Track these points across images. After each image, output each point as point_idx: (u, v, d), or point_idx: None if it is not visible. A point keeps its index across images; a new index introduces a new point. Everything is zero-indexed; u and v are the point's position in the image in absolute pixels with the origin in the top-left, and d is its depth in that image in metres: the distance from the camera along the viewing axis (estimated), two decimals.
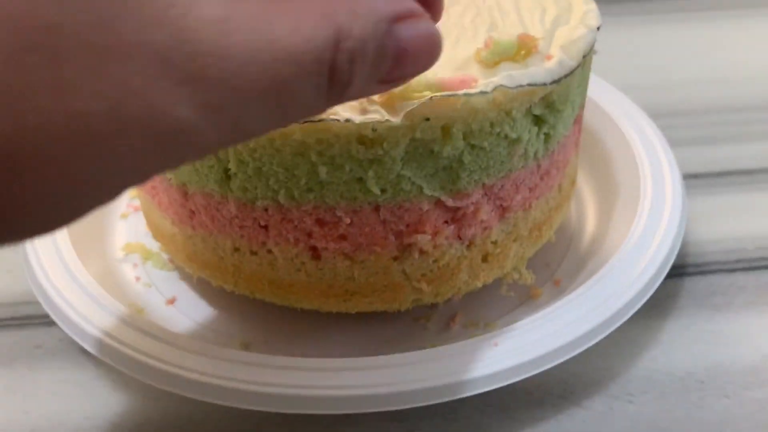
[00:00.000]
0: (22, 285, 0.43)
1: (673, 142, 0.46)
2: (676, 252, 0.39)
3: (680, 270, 0.43)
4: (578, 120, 0.40)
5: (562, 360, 0.34)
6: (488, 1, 0.39)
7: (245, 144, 0.32)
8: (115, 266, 0.43)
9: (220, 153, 0.33)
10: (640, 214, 0.41)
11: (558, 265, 0.43)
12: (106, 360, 0.35)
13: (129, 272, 0.43)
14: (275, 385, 0.33)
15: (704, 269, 0.44)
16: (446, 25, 0.36)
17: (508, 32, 0.35)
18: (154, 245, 0.44)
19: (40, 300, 0.38)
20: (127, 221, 0.47)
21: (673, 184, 0.43)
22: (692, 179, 0.50)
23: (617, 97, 0.50)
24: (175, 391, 0.34)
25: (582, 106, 0.40)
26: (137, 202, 0.47)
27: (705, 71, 0.63)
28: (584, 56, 0.35)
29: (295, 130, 0.31)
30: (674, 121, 0.56)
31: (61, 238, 0.40)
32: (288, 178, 0.32)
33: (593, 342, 0.35)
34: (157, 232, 0.42)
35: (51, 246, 0.40)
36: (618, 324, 0.36)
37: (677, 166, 0.44)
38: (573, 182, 0.43)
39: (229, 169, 0.33)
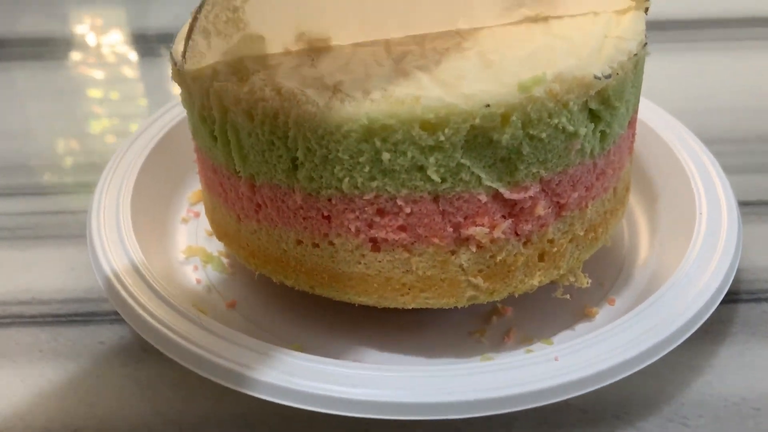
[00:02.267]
0: (86, 282, 0.45)
1: (725, 169, 0.46)
2: (731, 279, 0.39)
3: (734, 296, 0.43)
4: (632, 123, 0.40)
5: (619, 377, 0.34)
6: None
7: (314, 131, 0.33)
8: (177, 267, 0.45)
9: (289, 142, 0.34)
10: (695, 239, 0.41)
11: (612, 285, 0.43)
12: (171, 356, 0.36)
13: (190, 274, 0.44)
14: (330, 387, 0.33)
15: (758, 296, 0.44)
16: (501, 30, 0.37)
17: (563, 33, 0.37)
18: (214, 249, 0.46)
19: (108, 296, 0.39)
20: (188, 226, 0.48)
21: (729, 209, 0.43)
22: (744, 206, 0.50)
23: (670, 121, 0.50)
24: (236, 389, 0.34)
25: (636, 109, 0.41)
26: (197, 208, 0.49)
27: (754, 99, 0.64)
28: (636, 57, 0.36)
29: (362, 116, 0.32)
30: (724, 148, 0.56)
31: (128, 238, 0.42)
32: (353, 165, 0.34)
33: (649, 362, 0.35)
34: (221, 232, 0.43)
35: (119, 245, 0.41)
36: (674, 346, 0.36)
37: (732, 191, 0.44)
38: (627, 188, 0.43)
39: (297, 158, 0.34)
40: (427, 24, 0.39)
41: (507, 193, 0.34)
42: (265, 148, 0.35)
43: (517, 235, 0.36)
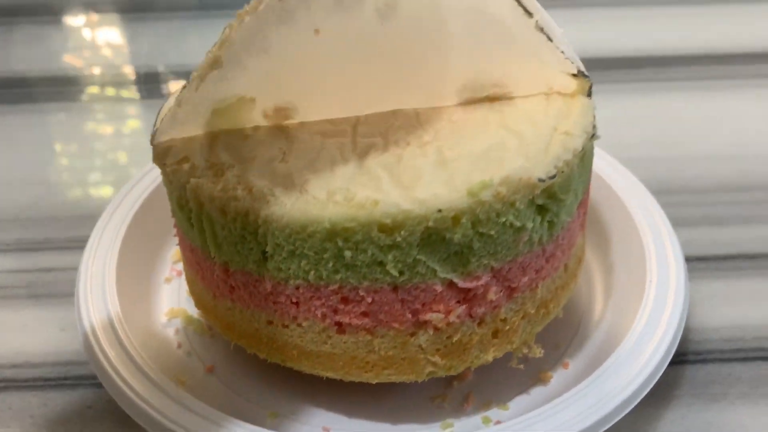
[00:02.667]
0: (76, 344, 0.48)
1: (681, 221, 0.48)
2: (675, 345, 0.42)
3: (681, 357, 0.46)
4: (583, 203, 0.43)
5: None
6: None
7: (281, 230, 0.36)
8: (159, 330, 0.48)
9: (259, 237, 0.37)
10: (645, 304, 0.44)
11: (567, 347, 0.46)
12: (147, 428, 0.39)
13: (172, 337, 0.47)
14: None
15: (704, 357, 0.46)
16: (461, 121, 0.40)
17: (516, 126, 0.39)
18: (195, 311, 0.49)
19: (91, 364, 0.42)
20: (171, 285, 0.51)
21: (677, 272, 0.45)
22: (697, 261, 0.53)
23: (624, 173, 0.53)
24: None
25: (586, 191, 0.43)
26: (179, 267, 0.52)
27: (715, 145, 0.65)
28: (581, 152, 0.39)
29: (325, 219, 0.35)
30: (681, 198, 0.58)
31: (112, 303, 0.45)
32: (318, 260, 0.36)
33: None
34: (198, 302, 0.46)
35: (103, 310, 0.44)
36: (622, 415, 0.39)
37: (681, 251, 0.47)
38: (580, 260, 0.46)
39: (267, 252, 0.37)
40: (388, 102, 0.42)
41: (461, 283, 0.37)
42: (237, 241, 0.38)
43: (471, 317, 0.39)
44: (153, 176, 0.54)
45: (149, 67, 0.81)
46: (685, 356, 0.46)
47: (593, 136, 0.40)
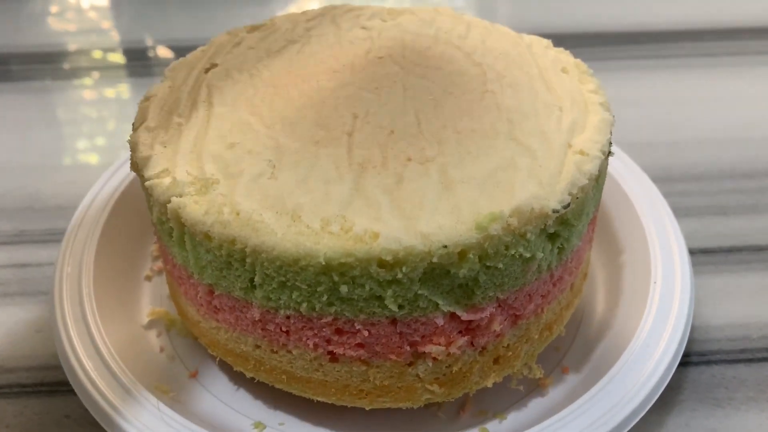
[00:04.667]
0: (52, 347, 0.45)
1: (683, 211, 0.46)
2: (681, 352, 0.40)
3: (685, 359, 0.44)
4: (593, 220, 0.41)
5: None
6: (507, 101, 0.39)
7: (271, 261, 0.33)
8: (140, 334, 0.45)
9: (246, 265, 0.34)
10: (650, 306, 0.42)
11: (566, 351, 0.44)
12: None
13: (154, 341, 0.45)
14: None
15: (708, 359, 0.45)
16: (466, 131, 0.37)
17: (527, 140, 0.37)
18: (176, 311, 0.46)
19: (70, 380, 0.40)
20: (152, 283, 0.48)
21: (682, 271, 0.43)
22: (701, 254, 0.51)
23: (631, 166, 0.51)
24: None
25: (597, 207, 0.41)
26: (160, 263, 0.49)
27: (719, 128, 0.62)
28: (597, 175, 0.36)
29: (320, 254, 0.32)
30: (684, 187, 0.56)
31: (89, 304, 0.42)
32: (310, 293, 0.34)
33: None
34: (182, 313, 0.43)
35: (78, 312, 0.42)
36: (627, 429, 0.37)
37: (685, 247, 0.45)
38: (585, 276, 0.44)
39: (254, 280, 0.34)
40: None
41: (464, 315, 0.35)
42: (223, 266, 0.35)
43: (473, 346, 0.37)
44: (121, 175, 0.51)
45: (132, 42, 0.78)
46: (688, 357, 0.45)
47: (609, 154, 0.38)
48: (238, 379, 0.43)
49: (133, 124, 0.40)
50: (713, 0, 0.79)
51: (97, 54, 0.75)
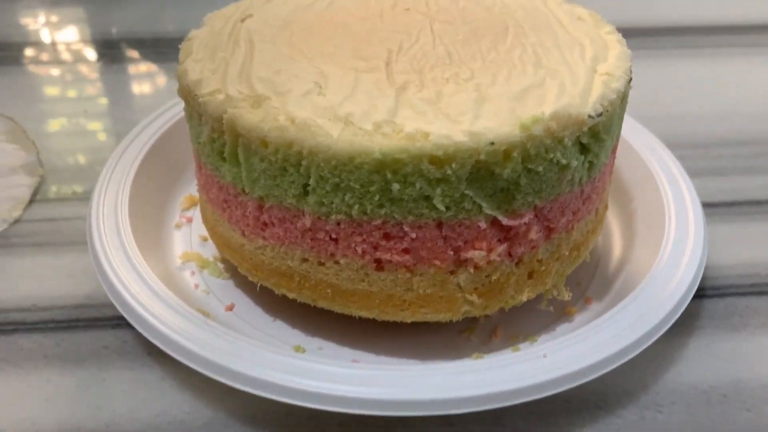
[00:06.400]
0: (85, 288, 0.46)
1: (691, 173, 0.50)
2: (700, 275, 0.43)
3: (701, 292, 0.47)
4: (614, 149, 0.43)
5: (604, 371, 0.37)
6: (531, 38, 0.42)
7: (327, 162, 0.35)
8: (175, 273, 0.46)
9: (301, 170, 0.36)
10: (666, 241, 0.44)
11: (588, 285, 0.46)
12: (180, 359, 0.37)
13: (188, 279, 0.46)
14: (331, 386, 0.35)
15: (722, 292, 0.47)
16: (496, 61, 0.40)
17: (555, 67, 0.39)
18: (209, 254, 0.47)
19: (115, 302, 0.41)
20: (181, 231, 0.49)
21: (695, 211, 0.46)
22: (709, 207, 0.54)
23: (638, 128, 0.54)
24: (242, 389, 0.36)
25: (618, 137, 0.43)
26: (189, 214, 0.50)
27: (719, 105, 0.68)
28: (623, 94, 0.39)
29: (375, 149, 0.34)
30: (689, 153, 0.60)
31: (129, 244, 0.43)
32: (363, 194, 0.35)
33: (630, 356, 0.38)
34: (221, 244, 0.44)
35: (120, 251, 0.43)
36: (652, 340, 0.39)
37: (696, 193, 0.48)
38: (606, 207, 0.46)
39: (309, 185, 0.36)
40: None
41: (504, 220, 0.37)
42: (277, 174, 0.36)
43: (510, 256, 0.39)
44: (157, 126, 0.52)
45: (105, 34, 0.80)
46: (703, 291, 0.47)
47: (630, 80, 0.40)
48: (275, 310, 0.44)
49: (178, 59, 0.42)
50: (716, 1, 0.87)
51: None
